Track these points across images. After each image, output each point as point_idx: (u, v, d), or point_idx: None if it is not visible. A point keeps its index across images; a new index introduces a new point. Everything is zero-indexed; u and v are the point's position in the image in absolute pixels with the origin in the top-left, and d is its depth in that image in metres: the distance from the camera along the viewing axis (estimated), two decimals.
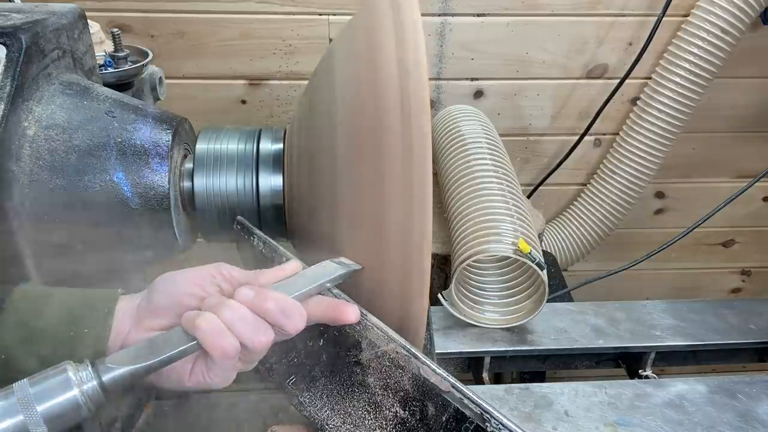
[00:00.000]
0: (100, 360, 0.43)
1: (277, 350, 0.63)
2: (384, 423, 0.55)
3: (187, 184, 0.70)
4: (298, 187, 0.67)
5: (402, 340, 0.54)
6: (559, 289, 1.11)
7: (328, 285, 0.56)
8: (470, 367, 0.99)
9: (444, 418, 0.51)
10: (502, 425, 0.48)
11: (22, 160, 0.60)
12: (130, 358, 0.44)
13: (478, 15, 1.28)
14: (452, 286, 0.94)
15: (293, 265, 0.57)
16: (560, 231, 1.47)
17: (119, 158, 0.64)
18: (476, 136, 1.13)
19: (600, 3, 1.28)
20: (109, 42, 0.94)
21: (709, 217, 1.10)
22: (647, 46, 1.26)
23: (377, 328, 0.55)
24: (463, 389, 0.50)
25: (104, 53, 0.91)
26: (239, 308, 0.48)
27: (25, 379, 0.40)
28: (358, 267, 0.58)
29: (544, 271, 0.89)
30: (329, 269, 0.57)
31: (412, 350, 0.53)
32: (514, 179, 1.05)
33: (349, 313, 0.54)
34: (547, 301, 0.92)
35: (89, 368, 0.42)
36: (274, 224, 0.72)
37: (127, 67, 0.91)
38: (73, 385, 0.40)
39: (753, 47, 1.32)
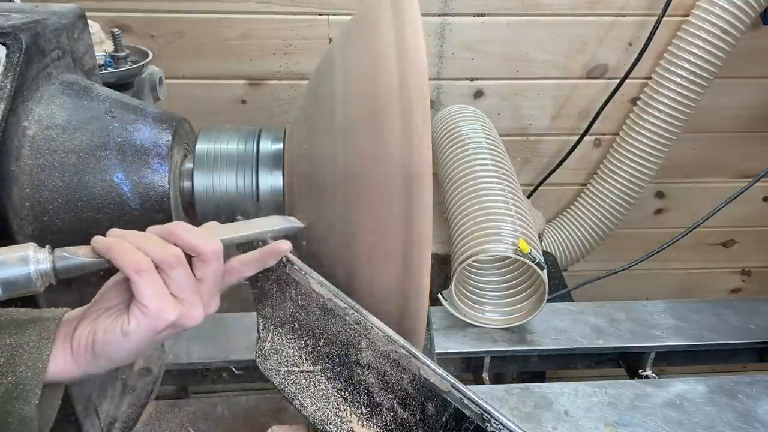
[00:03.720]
0: (59, 249, 0.49)
1: (277, 349, 0.63)
2: (384, 423, 0.55)
3: (187, 184, 0.70)
4: (298, 187, 0.67)
5: (402, 341, 0.54)
6: (559, 289, 1.11)
7: (269, 235, 0.58)
8: (470, 367, 0.99)
9: (444, 418, 0.51)
10: (502, 425, 0.48)
11: (22, 160, 0.60)
12: (83, 253, 0.50)
13: (478, 15, 1.28)
14: (452, 286, 0.94)
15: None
16: (560, 231, 1.47)
17: (119, 158, 0.64)
18: (476, 136, 1.13)
19: (600, 3, 1.29)
20: (109, 42, 0.94)
21: (709, 217, 1.10)
22: (647, 46, 1.26)
23: (377, 329, 0.55)
24: (463, 389, 0.50)
25: (104, 53, 0.91)
26: (145, 233, 0.51)
27: None
28: (301, 225, 0.62)
29: (544, 271, 0.89)
30: (273, 221, 0.60)
31: (412, 350, 0.53)
32: (514, 179, 1.05)
33: (281, 244, 0.57)
34: (547, 301, 0.92)
35: (47, 253, 0.49)
36: None
37: (127, 67, 0.91)
38: (30, 263, 0.47)
39: (753, 47, 1.32)
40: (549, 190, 1.49)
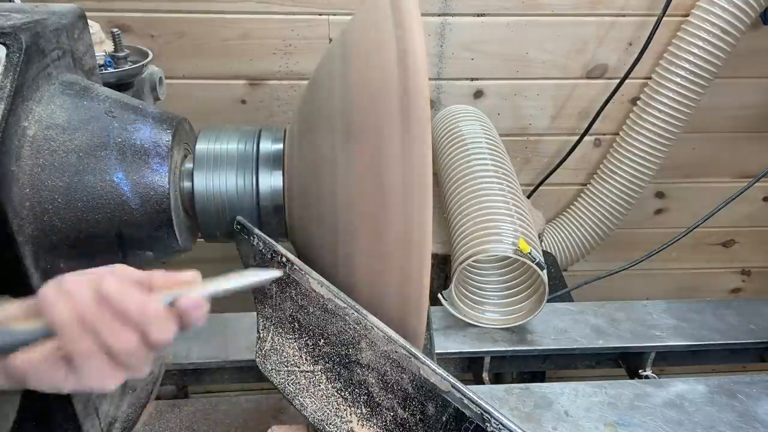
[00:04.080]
0: None
1: (277, 349, 0.63)
2: (384, 423, 0.55)
3: (187, 184, 0.70)
4: (298, 187, 0.67)
5: (402, 341, 0.54)
6: (559, 289, 1.11)
7: (245, 285, 0.51)
8: (470, 367, 0.99)
9: (444, 418, 0.51)
10: (502, 425, 0.48)
11: (22, 160, 0.60)
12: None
13: (478, 15, 1.28)
14: (452, 286, 0.94)
15: (191, 274, 0.50)
16: (560, 231, 1.47)
17: (119, 158, 0.64)
18: (476, 136, 1.13)
19: (600, 3, 1.29)
20: (109, 42, 0.94)
21: (709, 217, 1.10)
22: (647, 46, 1.26)
23: (377, 329, 0.55)
24: (463, 389, 0.50)
25: (104, 53, 0.91)
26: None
27: None
28: (279, 274, 0.54)
29: (544, 271, 0.89)
30: (249, 274, 0.52)
31: (412, 350, 0.53)
32: (514, 179, 1.05)
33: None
34: (547, 301, 0.92)
35: None
36: (274, 224, 0.72)
37: (127, 67, 0.91)
38: None
39: (753, 47, 1.32)
40: (549, 190, 1.49)
